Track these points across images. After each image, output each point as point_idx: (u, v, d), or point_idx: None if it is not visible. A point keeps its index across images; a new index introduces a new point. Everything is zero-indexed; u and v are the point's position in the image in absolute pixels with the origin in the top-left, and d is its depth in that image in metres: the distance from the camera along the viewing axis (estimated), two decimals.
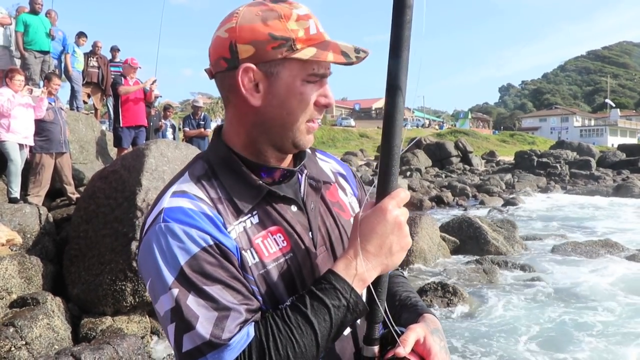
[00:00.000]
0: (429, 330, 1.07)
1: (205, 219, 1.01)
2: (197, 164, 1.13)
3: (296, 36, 1.02)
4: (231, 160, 1.11)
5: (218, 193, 1.07)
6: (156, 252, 0.99)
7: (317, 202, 1.18)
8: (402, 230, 1.02)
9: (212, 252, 0.98)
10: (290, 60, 1.03)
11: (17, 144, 6.99)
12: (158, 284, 0.98)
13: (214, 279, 0.96)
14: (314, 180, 1.20)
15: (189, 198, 1.04)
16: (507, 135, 69.18)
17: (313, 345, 0.95)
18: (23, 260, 5.30)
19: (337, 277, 0.99)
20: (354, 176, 1.40)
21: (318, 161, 1.31)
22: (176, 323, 0.95)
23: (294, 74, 1.05)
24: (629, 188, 22.48)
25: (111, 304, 5.23)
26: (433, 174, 30.36)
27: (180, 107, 62.65)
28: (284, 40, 1.02)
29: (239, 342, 0.92)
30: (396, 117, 1.01)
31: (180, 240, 0.98)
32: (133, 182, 5.51)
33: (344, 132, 55.16)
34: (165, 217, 1.01)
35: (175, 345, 0.95)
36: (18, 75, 7.15)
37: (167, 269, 0.96)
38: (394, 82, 1.00)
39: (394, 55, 1.00)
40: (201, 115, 11.32)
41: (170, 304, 0.95)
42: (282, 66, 1.04)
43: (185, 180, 1.09)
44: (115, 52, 13.23)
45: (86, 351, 3.78)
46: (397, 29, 0.99)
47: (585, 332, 5.89)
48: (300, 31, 1.03)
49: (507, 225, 11.16)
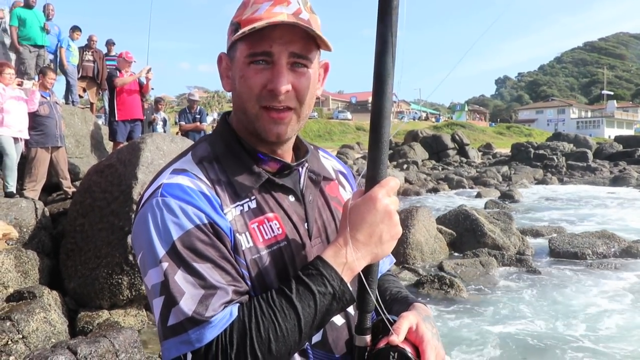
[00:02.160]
0: (421, 317, 1.07)
1: (203, 198, 1.01)
2: (201, 146, 1.15)
3: (241, 18, 1.06)
4: (234, 145, 1.12)
5: (218, 175, 1.08)
6: (151, 225, 0.99)
7: (315, 195, 1.19)
8: (392, 219, 1.01)
9: (205, 231, 0.98)
10: (239, 43, 1.07)
11: (12, 138, 6.97)
12: (149, 257, 0.98)
13: (204, 257, 0.97)
14: (315, 173, 1.21)
15: (189, 176, 1.05)
16: (503, 127, 69.23)
17: (295, 330, 0.95)
18: (19, 254, 5.29)
19: (325, 264, 0.99)
20: (353, 177, 1.41)
21: (321, 158, 1.31)
22: (163, 297, 0.95)
23: (240, 56, 1.07)
24: (626, 179, 22.54)
25: (107, 298, 5.24)
26: (430, 167, 30.39)
27: (177, 100, 62.47)
28: (235, 24, 1.07)
29: (221, 321, 0.92)
30: (384, 105, 1.00)
31: (175, 215, 0.98)
32: (129, 175, 5.50)
33: (341, 125, 55.07)
34: (163, 192, 1.01)
35: (160, 318, 0.95)
36: (8, 68, 7.11)
37: (160, 242, 0.97)
38: (381, 71, 1.00)
39: (380, 43, 1.00)
40: (197, 109, 11.28)
41: (159, 278, 0.96)
42: (235, 50, 1.08)
43: (187, 160, 1.10)
44: (111, 46, 13.17)
45: (82, 344, 3.77)
46: (384, 15, 0.99)
47: (581, 325, 5.91)
48: (246, 13, 1.05)
49: (504, 218, 11.16)
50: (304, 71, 1.07)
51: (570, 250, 9.09)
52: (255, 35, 1.02)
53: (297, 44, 1.04)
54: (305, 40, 1.05)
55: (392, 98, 1.02)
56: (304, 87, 1.07)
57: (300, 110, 1.09)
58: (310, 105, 1.12)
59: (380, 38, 1.00)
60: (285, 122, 1.08)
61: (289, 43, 1.03)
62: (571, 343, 5.41)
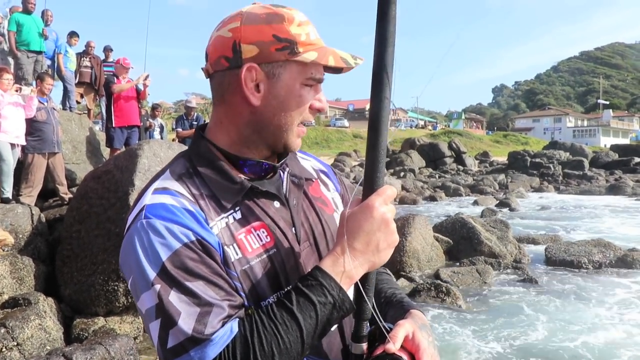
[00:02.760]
0: (417, 325, 1.07)
1: (187, 215, 1.01)
2: (178, 162, 1.13)
3: (299, 40, 1.05)
4: (213, 156, 1.11)
5: (200, 189, 1.07)
6: (138, 248, 0.98)
7: (299, 198, 1.19)
8: (389, 227, 1.01)
9: (193, 248, 0.97)
10: (292, 63, 1.06)
11: (9, 144, 6.96)
12: (140, 281, 0.97)
13: (195, 274, 0.96)
14: (296, 177, 1.21)
15: (171, 194, 1.03)
16: (500, 135, 69.46)
17: (298, 341, 0.94)
18: (15, 260, 5.27)
19: (324, 273, 0.99)
20: (334, 173, 1.41)
21: (299, 160, 1.31)
22: (159, 320, 0.94)
23: (294, 76, 1.07)
24: (622, 188, 22.63)
25: (103, 305, 5.22)
26: (427, 175, 30.46)
27: (174, 107, 62.44)
28: (287, 42, 1.04)
29: (222, 338, 0.92)
30: (382, 114, 1.01)
31: (161, 236, 0.97)
32: (126, 182, 5.49)
33: (338, 132, 55.20)
34: (146, 214, 1.00)
35: (159, 342, 0.94)
36: (6, 74, 7.10)
37: (149, 265, 0.96)
38: (379, 79, 1.00)
39: (379, 51, 1.01)
40: (194, 116, 11.29)
41: (153, 301, 0.95)
42: (284, 68, 1.07)
43: (166, 178, 1.09)
44: (109, 52, 13.19)
45: (78, 351, 3.76)
46: (382, 23, 1.00)
47: (578, 334, 5.91)
48: (302, 35, 1.05)
49: (501, 226, 11.17)
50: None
51: (567, 258, 9.10)
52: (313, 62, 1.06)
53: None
54: None
55: (389, 105, 1.02)
56: None
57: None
58: None
59: (378, 44, 1.01)
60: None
61: None
62: (567, 352, 5.40)
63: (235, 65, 1.06)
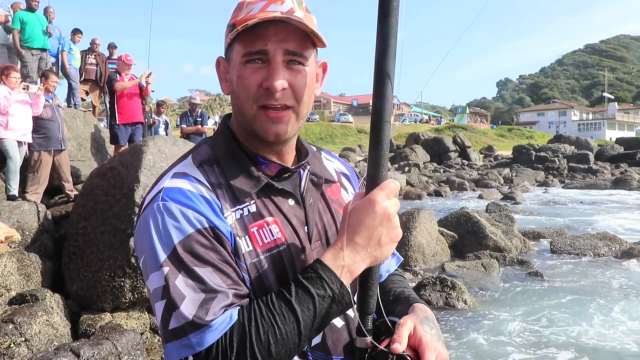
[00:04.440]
0: (418, 320, 1.06)
1: (203, 202, 1.02)
2: (201, 148, 1.15)
3: (236, 19, 1.05)
4: (234, 148, 1.13)
5: (218, 179, 1.08)
6: (152, 229, 1.00)
7: (316, 198, 1.19)
8: (392, 221, 1.01)
9: (206, 235, 0.99)
10: (234, 45, 1.07)
11: (16, 142, 6.99)
12: (151, 261, 0.99)
13: (205, 260, 0.97)
14: (316, 176, 1.20)
15: (189, 180, 1.05)
16: (505, 129, 69.33)
17: (295, 333, 0.95)
18: (22, 257, 5.30)
19: (324, 266, 0.99)
20: (357, 177, 1.39)
21: (323, 160, 1.31)
22: (165, 301, 0.96)
23: (237, 57, 1.07)
24: (627, 181, 22.56)
25: (110, 301, 5.23)
26: (431, 169, 30.45)
27: (178, 104, 62.47)
28: (231, 26, 1.07)
29: (221, 324, 0.93)
30: (385, 107, 1.00)
31: (176, 219, 0.99)
32: (131, 178, 5.50)
33: (342, 128, 55.20)
34: (164, 196, 1.02)
35: (161, 322, 0.96)
36: (14, 72, 7.12)
37: (161, 247, 0.98)
38: (382, 72, 0.99)
39: (381, 44, 0.99)
40: (198, 112, 11.29)
41: (161, 282, 0.96)
42: (231, 51, 1.08)
43: (188, 163, 1.10)
44: (113, 49, 13.19)
45: (85, 347, 3.78)
46: (384, 15, 0.99)
47: (583, 327, 5.90)
48: (242, 14, 1.05)
49: (506, 220, 11.17)
50: (300, 69, 1.07)
51: (572, 251, 9.11)
52: (250, 35, 1.02)
53: (292, 41, 1.04)
54: (300, 38, 1.05)
55: (392, 100, 1.01)
56: (300, 85, 1.07)
57: (298, 108, 1.08)
58: (308, 104, 1.11)
59: (380, 38, 0.99)
60: (284, 121, 1.07)
61: (284, 41, 1.03)
62: (574, 345, 5.40)
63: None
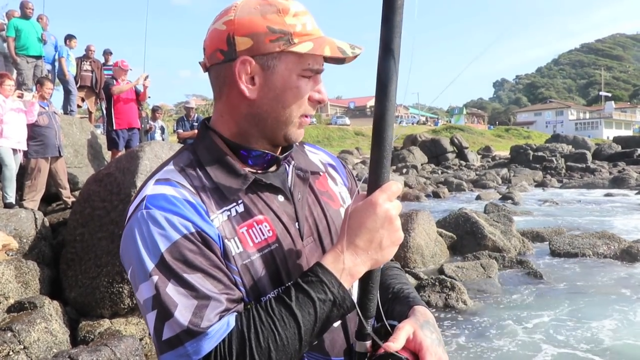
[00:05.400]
0: (419, 324, 1.05)
1: (188, 206, 1.00)
2: (182, 154, 1.12)
3: (294, 30, 1.03)
4: (217, 148, 1.11)
5: (202, 182, 1.06)
6: (138, 239, 0.97)
7: (304, 193, 1.17)
8: (393, 224, 0.99)
9: (193, 240, 0.96)
10: (287, 54, 1.04)
11: (11, 149, 6.98)
12: (139, 272, 0.96)
13: (194, 267, 0.95)
14: (302, 170, 1.19)
15: (172, 185, 1.03)
16: (502, 130, 69.39)
17: (296, 338, 0.93)
18: (20, 265, 5.29)
19: (324, 270, 0.97)
20: (343, 167, 1.39)
21: (307, 153, 1.30)
22: (156, 311, 0.93)
23: (290, 67, 1.05)
24: (625, 180, 22.55)
25: (109, 307, 5.23)
26: (429, 171, 30.44)
27: (175, 109, 62.42)
28: (282, 33, 1.03)
29: (218, 331, 0.91)
30: (387, 109, 0.99)
31: (161, 227, 0.96)
32: (128, 184, 5.50)
33: (339, 130, 55.18)
34: (147, 204, 1.00)
35: (155, 333, 0.94)
36: (8, 80, 7.12)
37: (148, 256, 0.95)
38: (385, 75, 0.98)
39: (384, 48, 0.98)
40: (194, 117, 11.29)
41: (151, 292, 0.93)
42: (279, 60, 1.05)
43: (169, 169, 1.08)
44: (108, 56, 13.17)
45: (84, 353, 3.77)
46: (388, 15, 0.97)
47: (583, 327, 5.90)
48: (297, 26, 1.04)
49: (504, 220, 11.17)
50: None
51: (571, 251, 9.09)
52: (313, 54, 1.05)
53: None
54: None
55: (395, 102, 1.00)
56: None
57: None
58: None
59: (384, 40, 0.98)
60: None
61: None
62: (574, 346, 5.40)
63: (230, 58, 1.05)
